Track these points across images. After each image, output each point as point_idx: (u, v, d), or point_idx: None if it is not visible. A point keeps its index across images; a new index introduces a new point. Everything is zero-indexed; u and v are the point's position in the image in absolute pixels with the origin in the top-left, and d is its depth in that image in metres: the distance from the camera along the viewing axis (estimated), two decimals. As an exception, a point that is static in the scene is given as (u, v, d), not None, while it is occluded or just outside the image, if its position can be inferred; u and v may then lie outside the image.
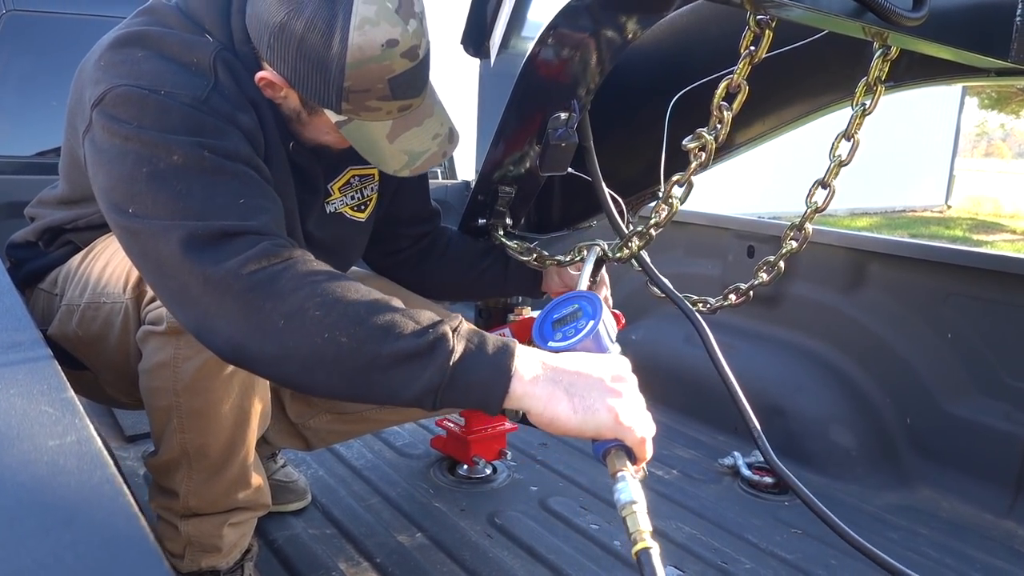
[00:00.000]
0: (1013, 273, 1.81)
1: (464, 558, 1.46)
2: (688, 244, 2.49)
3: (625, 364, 0.87)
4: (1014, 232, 13.94)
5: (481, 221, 1.45)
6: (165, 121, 0.89)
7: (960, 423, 1.86)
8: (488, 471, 1.83)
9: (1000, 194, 18.20)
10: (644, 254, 1.32)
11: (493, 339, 0.84)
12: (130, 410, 1.30)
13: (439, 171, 3.67)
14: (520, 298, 1.66)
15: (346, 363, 0.80)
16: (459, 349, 0.81)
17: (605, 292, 1.38)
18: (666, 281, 1.26)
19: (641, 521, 0.77)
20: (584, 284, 1.15)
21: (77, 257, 1.17)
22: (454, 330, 0.83)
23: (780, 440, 2.03)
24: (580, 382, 0.82)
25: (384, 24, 0.90)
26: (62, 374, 0.59)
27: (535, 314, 1.60)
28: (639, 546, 0.75)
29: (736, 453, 1.97)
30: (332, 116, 0.99)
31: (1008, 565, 1.59)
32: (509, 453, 1.87)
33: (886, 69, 1.11)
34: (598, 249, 1.24)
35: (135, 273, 1.02)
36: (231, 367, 1.01)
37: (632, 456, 0.83)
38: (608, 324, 0.96)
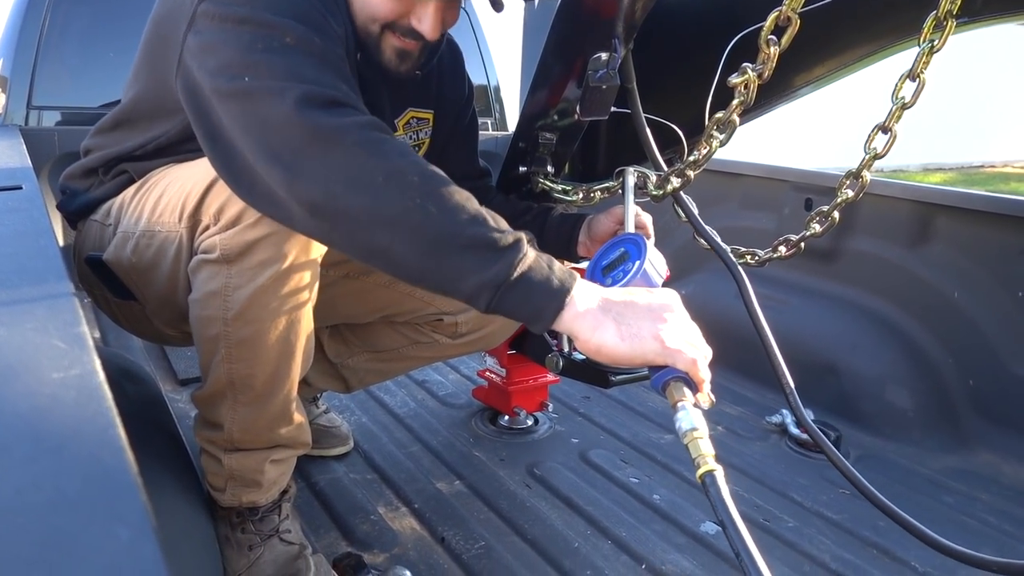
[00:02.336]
0: (1094, 227, 1.69)
1: (502, 507, 1.47)
2: (743, 196, 2.40)
3: (673, 295, 0.88)
4: (1102, 189, 13.10)
5: (522, 169, 1.41)
6: (278, 7, 0.94)
7: (1027, 386, 1.77)
8: (529, 422, 1.83)
9: (1090, 148, 17.06)
10: (690, 202, 1.27)
11: (561, 265, 0.87)
12: (175, 345, 1.33)
13: (489, 122, 3.63)
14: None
15: (428, 232, 0.83)
16: (530, 258, 0.84)
17: (650, 240, 1.33)
18: (706, 226, 1.21)
19: (703, 446, 0.78)
20: (631, 217, 1.13)
21: (131, 189, 1.18)
22: (529, 241, 0.86)
23: (833, 399, 1.97)
24: (628, 311, 0.84)
25: None
26: (80, 310, 0.59)
27: (584, 265, 1.59)
28: (703, 469, 0.76)
29: (784, 411, 1.92)
30: None
31: (1071, 534, 1.51)
32: (551, 405, 1.86)
33: (958, 2, 1.02)
34: (633, 173, 1.20)
35: (191, 203, 1.03)
36: (281, 295, 1.03)
37: (691, 386, 0.83)
38: (655, 262, 0.98)
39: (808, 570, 1.34)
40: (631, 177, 1.19)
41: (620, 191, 1.26)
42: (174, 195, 1.07)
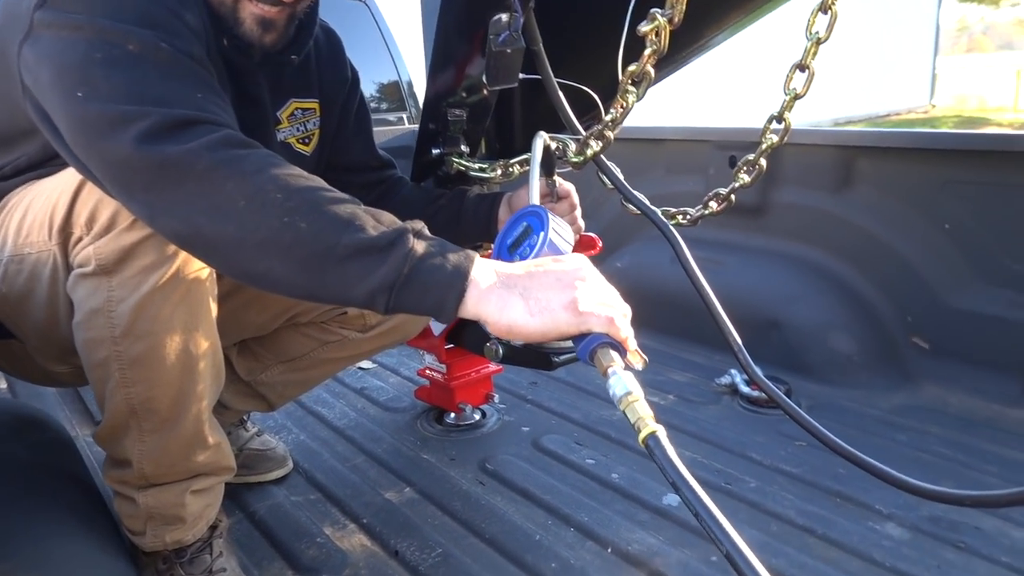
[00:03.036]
0: (1011, 151, 1.70)
1: (455, 508, 1.39)
2: (668, 161, 2.37)
3: (580, 259, 0.83)
4: (1000, 125, 13.77)
5: (435, 151, 1.33)
6: (119, 11, 0.85)
7: (963, 315, 1.78)
8: (477, 416, 1.76)
9: (985, 89, 17.93)
10: (615, 169, 1.21)
11: (453, 247, 0.81)
12: (67, 385, 1.20)
13: (405, 117, 3.53)
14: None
15: (303, 250, 0.77)
16: (419, 249, 0.79)
17: (575, 210, 1.27)
18: (633, 190, 1.16)
19: (641, 409, 0.73)
20: (535, 187, 1.06)
21: None
22: (415, 232, 0.80)
23: (779, 353, 1.96)
24: (533, 283, 0.79)
25: None
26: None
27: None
28: (644, 432, 0.72)
29: (733, 371, 1.89)
30: None
31: (1022, 454, 1.52)
32: (497, 396, 1.78)
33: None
34: (543, 137, 1.13)
35: (59, 214, 0.93)
36: (172, 302, 0.94)
37: (619, 350, 0.78)
38: (560, 231, 0.92)
39: (776, 529, 1.31)
40: (539, 142, 1.12)
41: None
42: (40, 210, 0.95)
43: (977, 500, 0.91)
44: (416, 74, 3.43)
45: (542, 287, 0.79)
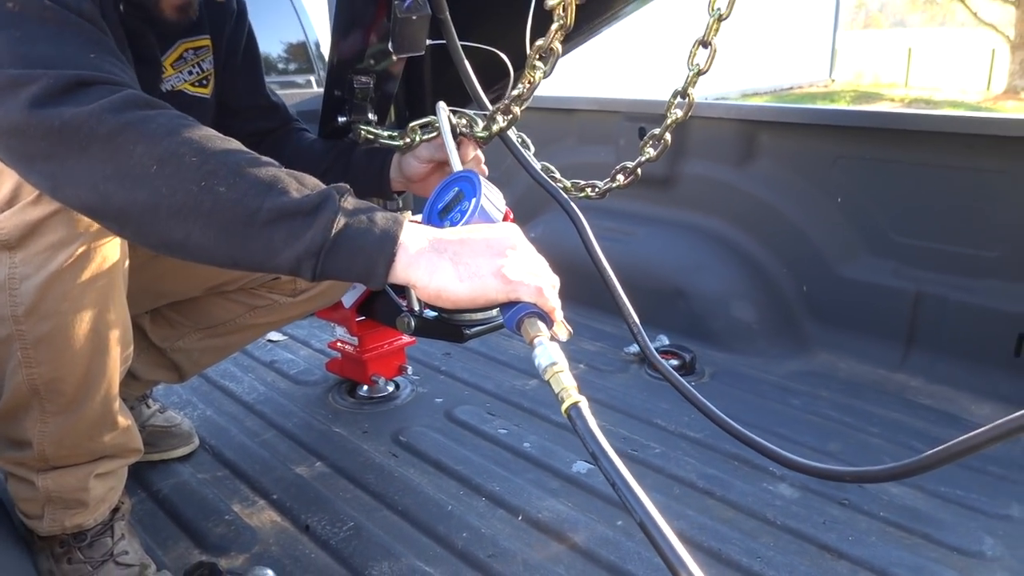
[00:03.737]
0: (894, 129, 1.80)
1: (368, 481, 1.39)
2: (579, 131, 2.39)
3: (511, 227, 0.83)
4: (892, 100, 14.53)
5: (341, 119, 1.29)
6: None
7: (852, 285, 1.89)
8: (390, 389, 1.75)
9: (879, 65, 18.83)
10: (524, 141, 1.21)
11: (382, 211, 0.79)
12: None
13: (312, 79, 3.42)
14: (400, 204, 1.53)
15: (224, 215, 0.73)
16: (346, 213, 0.75)
17: (482, 166, 1.26)
18: (537, 163, 1.16)
19: (564, 379, 0.75)
20: (455, 155, 1.05)
21: None
22: (341, 195, 0.77)
23: (684, 321, 2.03)
24: (464, 249, 0.78)
25: None
26: None
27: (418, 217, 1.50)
28: (567, 403, 0.73)
29: (641, 340, 1.95)
30: None
31: (903, 416, 1.64)
32: (410, 368, 1.78)
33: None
34: (444, 107, 1.11)
35: None
36: (81, 281, 0.89)
37: (546, 320, 0.79)
38: (492, 197, 0.92)
39: (679, 492, 1.36)
40: (444, 112, 1.11)
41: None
42: None
43: (857, 476, 0.98)
44: (324, 34, 3.32)
45: (473, 253, 0.78)
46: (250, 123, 1.27)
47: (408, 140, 1.20)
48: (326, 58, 3.35)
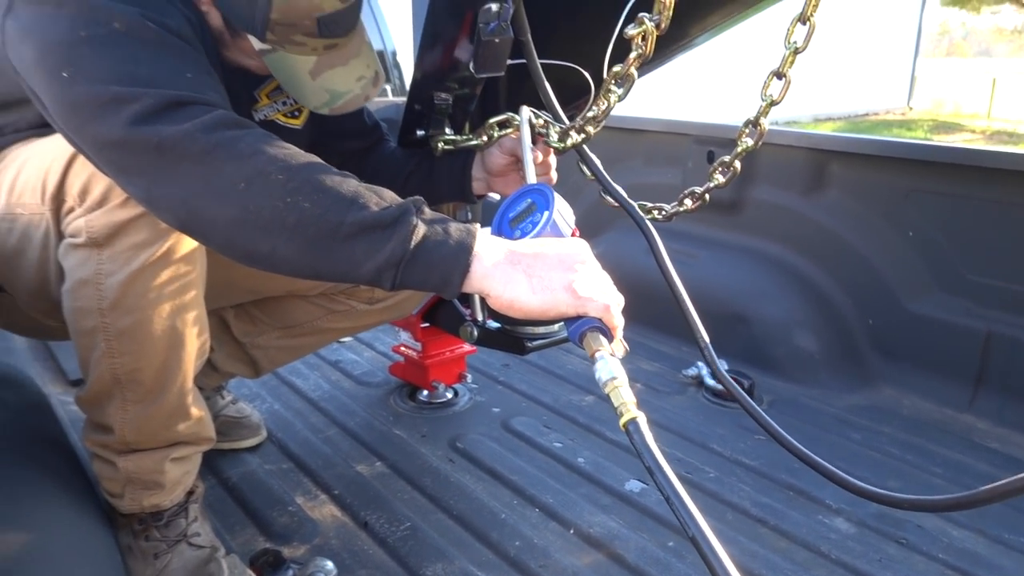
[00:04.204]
0: (972, 166, 1.77)
1: (425, 484, 1.43)
2: (647, 152, 2.41)
3: (582, 244, 0.86)
4: (973, 132, 14.02)
5: (420, 133, 1.35)
6: None
7: (921, 321, 1.85)
8: (449, 395, 1.80)
9: (961, 94, 18.21)
10: (596, 160, 1.24)
11: (456, 222, 0.83)
12: (60, 339, 1.22)
13: (388, 89, 3.52)
14: (471, 216, 1.58)
15: (308, 229, 0.78)
16: (423, 225, 0.80)
17: (552, 173, 1.29)
18: (613, 183, 1.19)
19: (624, 394, 0.77)
20: (530, 165, 1.09)
21: None
22: (418, 208, 0.82)
23: (744, 347, 2.02)
24: (537, 263, 0.82)
25: None
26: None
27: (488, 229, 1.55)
28: (626, 417, 0.76)
29: (699, 363, 1.95)
30: (256, 43, 0.98)
31: (967, 458, 1.60)
32: (470, 376, 1.82)
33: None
34: (528, 112, 1.16)
35: (52, 180, 0.93)
36: (161, 279, 0.96)
37: (608, 335, 0.82)
38: (563, 212, 0.95)
39: (731, 518, 1.37)
40: (526, 115, 1.14)
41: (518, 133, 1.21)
42: (33, 172, 0.96)
43: (914, 504, 0.97)
44: (400, 45, 3.40)
45: (546, 267, 0.81)
46: (350, 142, 1.34)
47: (485, 137, 1.24)
48: (401, 68, 3.44)
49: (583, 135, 1.16)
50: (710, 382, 1.88)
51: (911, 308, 1.87)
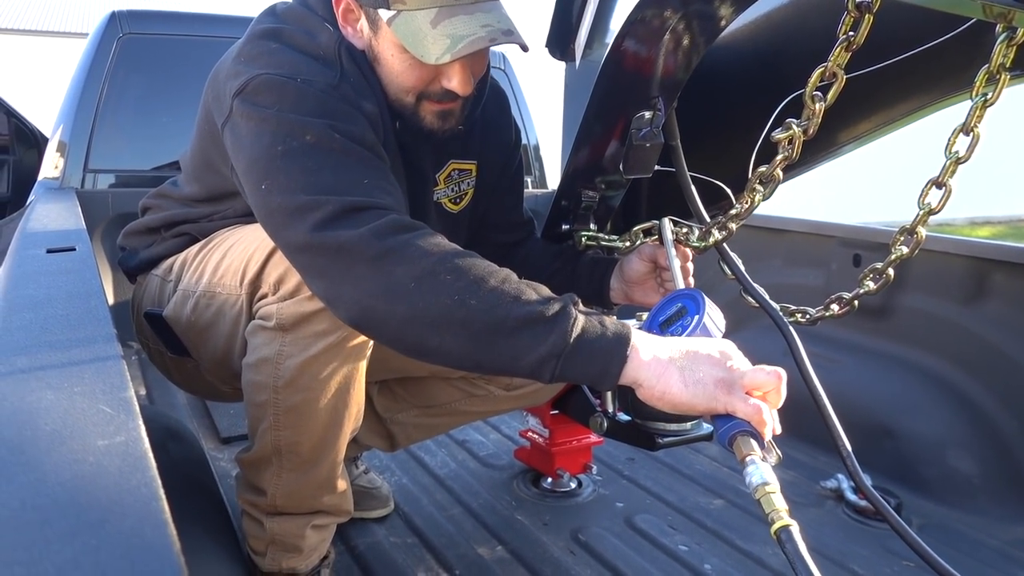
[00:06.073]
0: None
1: (545, 574, 1.41)
2: (788, 252, 2.36)
3: (732, 344, 0.88)
4: None
5: (564, 227, 1.41)
6: (302, 105, 0.95)
7: (1101, 451, 1.67)
8: (573, 485, 1.78)
9: None
10: (736, 258, 1.25)
11: (611, 318, 0.87)
12: (228, 400, 1.33)
13: (529, 180, 3.66)
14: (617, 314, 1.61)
15: (474, 325, 0.83)
16: (581, 319, 0.84)
17: (689, 278, 1.30)
18: (751, 281, 1.18)
19: (776, 501, 0.76)
20: (679, 272, 1.12)
21: (195, 248, 1.21)
22: (575, 302, 0.87)
23: (891, 464, 1.89)
24: (690, 359, 0.84)
25: None
26: (126, 373, 0.59)
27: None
28: (778, 524, 0.75)
29: (840, 475, 1.84)
30: (385, 16, 1.01)
31: None
32: (595, 467, 1.81)
33: (1011, 55, 1.00)
34: (668, 223, 1.18)
35: (252, 267, 1.06)
36: (332, 365, 1.04)
37: (759, 440, 0.82)
38: (714, 316, 0.98)
39: (873, 649, 1.26)
40: (668, 227, 1.17)
41: (659, 241, 1.24)
42: (236, 258, 1.08)
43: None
44: (544, 140, 3.55)
45: (698, 363, 0.83)
46: (503, 235, 1.41)
47: (629, 243, 1.28)
48: (543, 160, 3.59)
49: (725, 232, 1.17)
50: (851, 497, 1.76)
51: (1088, 435, 1.69)
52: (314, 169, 0.91)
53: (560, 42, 1.42)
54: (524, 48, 1.03)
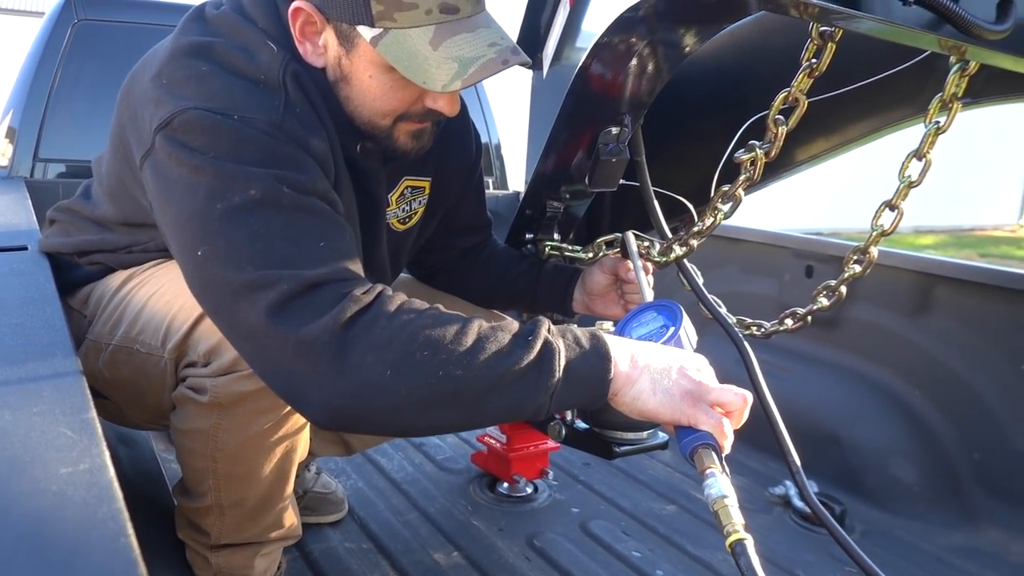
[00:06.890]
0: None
1: (500, 581, 1.42)
2: (743, 261, 2.41)
3: (703, 359, 0.89)
4: (1092, 255, 13.25)
5: (528, 236, 1.41)
6: (242, 150, 0.82)
7: (1034, 462, 1.75)
8: (529, 490, 1.79)
9: (1077, 214, 17.33)
10: (695, 271, 1.27)
11: (580, 330, 0.86)
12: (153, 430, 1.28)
13: (490, 181, 3.67)
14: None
15: (465, 395, 0.78)
16: (562, 347, 0.82)
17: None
18: (710, 296, 1.21)
19: (733, 515, 0.79)
20: (646, 285, 1.13)
21: (114, 280, 1.07)
22: (548, 330, 0.83)
23: (836, 471, 1.94)
24: (661, 366, 0.84)
25: None
26: (87, 392, 0.58)
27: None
28: (733, 537, 0.77)
29: (788, 482, 1.88)
30: (367, 34, 0.88)
31: (1085, 619, 1.48)
32: (551, 472, 1.82)
33: (964, 85, 1.04)
34: (632, 238, 1.21)
35: (176, 331, 0.94)
36: (276, 437, 0.99)
37: (719, 453, 0.84)
38: (689, 331, 1.00)
39: (817, 655, 1.30)
40: (633, 241, 1.19)
41: (622, 254, 1.26)
42: (157, 313, 0.98)
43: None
44: (505, 139, 3.56)
45: (666, 372, 0.84)
46: (467, 239, 1.39)
47: (592, 254, 1.29)
48: (504, 159, 3.60)
49: (686, 248, 1.19)
50: (798, 503, 1.81)
51: (1021, 446, 1.77)
52: (262, 234, 0.78)
53: (528, 51, 1.43)
54: (529, 66, 1.01)
